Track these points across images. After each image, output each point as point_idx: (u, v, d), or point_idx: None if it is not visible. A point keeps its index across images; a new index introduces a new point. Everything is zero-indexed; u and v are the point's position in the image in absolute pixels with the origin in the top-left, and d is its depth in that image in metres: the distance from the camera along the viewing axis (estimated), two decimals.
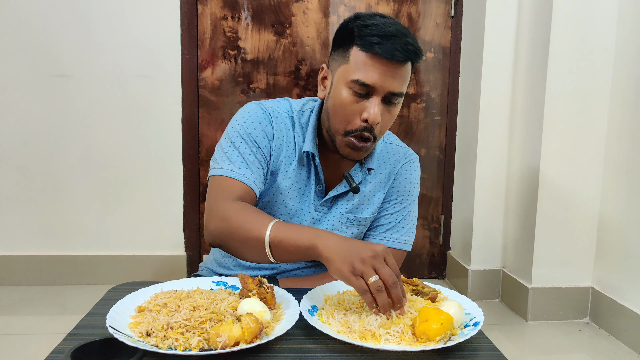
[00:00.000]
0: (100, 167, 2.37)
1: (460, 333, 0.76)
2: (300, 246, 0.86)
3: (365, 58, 0.94)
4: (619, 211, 1.99)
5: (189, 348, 0.68)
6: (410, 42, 0.94)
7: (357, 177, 1.10)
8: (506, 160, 2.32)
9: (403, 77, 0.97)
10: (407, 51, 0.93)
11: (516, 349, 1.91)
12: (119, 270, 2.39)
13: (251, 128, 1.04)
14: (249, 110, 1.07)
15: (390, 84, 0.95)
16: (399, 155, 1.15)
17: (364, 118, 0.96)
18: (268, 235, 0.88)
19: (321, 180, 1.08)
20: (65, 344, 0.71)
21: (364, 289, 0.76)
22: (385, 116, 0.98)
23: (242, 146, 1.03)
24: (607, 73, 2.03)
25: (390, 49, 0.92)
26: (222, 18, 2.38)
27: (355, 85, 0.95)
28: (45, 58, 2.28)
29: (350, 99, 0.96)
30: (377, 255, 0.78)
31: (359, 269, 0.77)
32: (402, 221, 1.14)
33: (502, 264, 2.38)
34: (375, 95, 0.95)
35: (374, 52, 0.93)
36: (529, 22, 2.16)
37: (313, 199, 1.09)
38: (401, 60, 0.94)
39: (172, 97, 2.36)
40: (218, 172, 1.02)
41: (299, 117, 1.09)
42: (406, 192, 1.14)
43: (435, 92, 2.52)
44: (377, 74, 0.94)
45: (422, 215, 2.59)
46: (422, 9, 2.45)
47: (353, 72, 0.95)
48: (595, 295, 2.09)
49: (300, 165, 1.08)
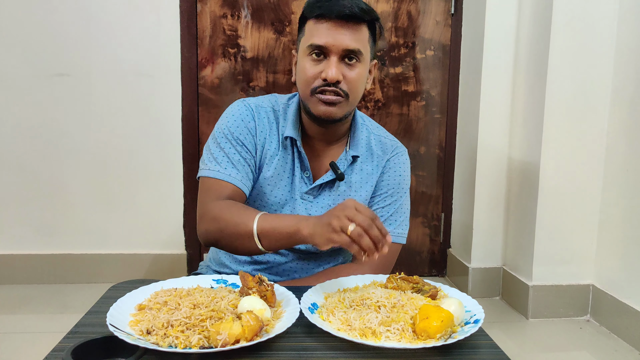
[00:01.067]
0: (100, 166, 2.37)
1: (460, 330, 0.76)
2: (286, 232, 0.92)
3: (314, 23, 1.01)
4: (619, 208, 1.99)
5: (189, 346, 0.68)
6: (355, 3, 0.98)
7: (343, 165, 1.11)
8: (506, 157, 2.31)
9: (354, 34, 1.00)
10: (351, 7, 0.97)
11: (517, 347, 1.91)
12: (119, 269, 2.39)
13: (234, 127, 1.08)
14: (233, 109, 1.12)
15: (342, 41, 0.99)
16: (386, 147, 1.17)
17: (323, 77, 1.00)
18: (255, 228, 0.94)
19: (306, 166, 1.10)
20: (65, 342, 0.71)
21: (347, 241, 0.81)
22: (349, 74, 1.01)
23: (227, 146, 1.07)
24: (607, 70, 2.02)
25: (332, 7, 0.98)
26: (221, 16, 2.37)
27: (310, 51, 1.01)
28: (44, 57, 2.28)
29: (309, 64, 1.02)
30: (347, 207, 0.83)
31: (337, 225, 0.82)
32: (394, 214, 1.15)
33: (503, 262, 2.38)
34: (331, 55, 1.00)
35: (318, 15, 1.00)
36: (530, 20, 2.15)
37: (299, 186, 1.11)
38: (347, 16, 0.98)
39: (171, 95, 2.36)
40: (205, 173, 1.07)
41: (284, 110, 1.13)
42: (396, 185, 1.15)
43: (435, 90, 2.52)
44: (326, 33, 0.99)
45: (422, 213, 2.59)
46: (422, 6, 2.45)
47: (307, 40, 1.02)
48: (596, 293, 2.09)
49: (284, 152, 1.10)
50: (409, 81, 2.50)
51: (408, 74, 2.49)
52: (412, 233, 2.59)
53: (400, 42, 2.46)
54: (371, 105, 2.49)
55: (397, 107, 2.50)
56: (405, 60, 2.48)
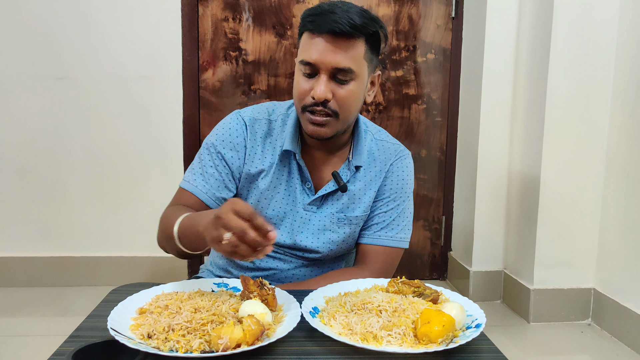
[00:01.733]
0: (101, 168, 2.37)
1: (462, 335, 0.76)
2: (194, 232, 0.89)
3: (306, 38, 0.98)
4: (620, 212, 1.98)
5: (190, 350, 0.68)
6: (349, 16, 0.93)
7: (346, 175, 1.09)
8: (507, 161, 2.31)
9: (346, 51, 0.95)
10: (342, 24, 0.92)
11: (518, 351, 1.90)
12: (120, 272, 2.39)
13: (219, 140, 1.08)
14: (225, 122, 1.11)
15: (332, 59, 0.95)
16: (389, 152, 1.14)
17: (312, 95, 0.98)
18: (176, 228, 0.93)
19: (307, 178, 1.09)
20: (66, 345, 0.71)
21: (227, 250, 0.76)
22: (339, 92, 0.98)
23: (207, 158, 1.08)
24: (608, 73, 2.02)
25: (323, 24, 0.93)
26: (223, 19, 2.38)
27: (302, 66, 0.99)
28: (46, 60, 2.29)
29: (301, 79, 1.00)
30: (223, 213, 0.76)
31: (214, 236, 0.77)
32: (397, 219, 1.13)
33: (504, 265, 2.38)
34: (321, 73, 0.97)
35: (310, 30, 0.96)
36: (530, 24, 2.15)
37: (301, 198, 1.09)
38: (338, 33, 0.93)
39: (173, 98, 2.36)
40: (181, 183, 1.11)
41: (283, 120, 1.10)
42: (399, 190, 1.13)
43: (436, 94, 2.52)
44: (316, 50, 0.95)
45: (423, 216, 2.58)
46: (423, 10, 2.45)
47: (300, 55, 1.00)
48: (597, 297, 2.09)
49: (281, 165, 1.09)
50: (410, 84, 2.50)
51: (409, 77, 2.49)
52: (413, 236, 2.59)
53: (402, 46, 2.47)
54: (372, 108, 2.49)
55: (398, 111, 2.51)
56: (406, 64, 2.48)
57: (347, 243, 1.13)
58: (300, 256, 1.13)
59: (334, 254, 1.14)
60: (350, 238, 1.13)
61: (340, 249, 1.13)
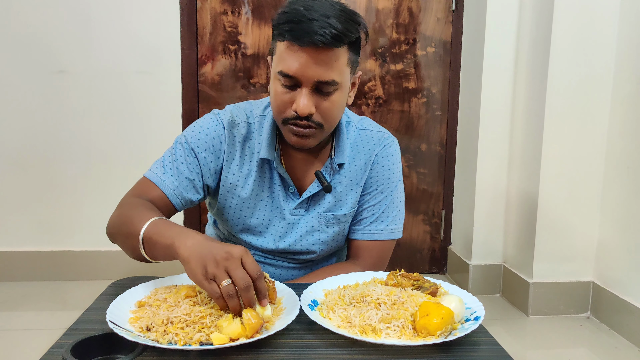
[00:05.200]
0: (99, 163, 2.36)
1: (460, 327, 0.76)
2: (162, 244, 0.82)
3: (284, 47, 0.89)
4: (620, 205, 1.98)
5: (189, 343, 0.68)
6: (330, 24, 0.85)
7: (329, 173, 1.05)
8: (507, 154, 2.31)
9: (328, 63, 0.88)
10: (324, 35, 0.85)
11: (517, 344, 1.91)
12: (118, 266, 2.38)
13: (195, 140, 1.02)
14: (204, 121, 1.05)
15: (314, 73, 0.88)
16: (373, 142, 1.09)
17: (294, 109, 0.92)
18: (143, 232, 0.85)
19: (289, 183, 1.04)
20: (65, 339, 0.71)
21: (216, 293, 0.72)
22: (323, 104, 0.92)
23: (180, 154, 1.02)
24: (609, 66, 2.02)
25: (304, 34, 0.85)
26: (222, 13, 2.37)
27: (281, 77, 0.91)
28: (44, 54, 2.28)
29: (280, 90, 0.92)
30: (231, 257, 0.73)
31: (212, 272, 0.73)
32: (386, 210, 1.09)
33: (503, 259, 2.38)
34: (303, 86, 0.90)
35: (288, 40, 0.88)
36: (531, 17, 2.14)
37: (285, 204, 1.06)
38: (320, 45, 0.86)
39: (172, 92, 2.36)
40: (147, 173, 1.03)
41: (259, 123, 1.05)
42: (386, 180, 1.09)
43: (436, 87, 2.52)
44: (297, 62, 0.88)
45: (423, 210, 2.58)
46: (423, 3, 2.44)
47: (277, 64, 0.92)
48: (596, 290, 2.09)
49: (261, 172, 1.04)
50: (410, 78, 2.49)
51: (409, 71, 2.48)
52: (413, 230, 2.59)
53: (401, 39, 2.46)
54: (372, 102, 2.49)
55: (398, 104, 2.50)
56: (406, 57, 2.47)
57: (337, 241, 1.11)
58: (292, 258, 1.11)
59: (325, 253, 1.13)
60: (340, 236, 1.11)
61: (330, 248, 1.12)
